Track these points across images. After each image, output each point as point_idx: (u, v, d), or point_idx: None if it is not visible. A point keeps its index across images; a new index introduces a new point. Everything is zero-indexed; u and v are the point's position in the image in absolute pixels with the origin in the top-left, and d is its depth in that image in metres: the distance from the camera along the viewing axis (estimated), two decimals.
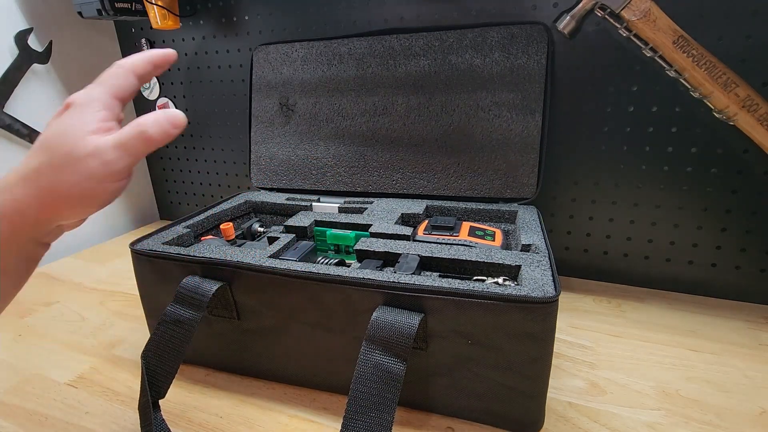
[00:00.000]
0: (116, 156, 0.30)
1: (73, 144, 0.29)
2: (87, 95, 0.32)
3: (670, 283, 0.65)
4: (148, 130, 0.31)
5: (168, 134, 0.32)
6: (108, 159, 0.29)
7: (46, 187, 0.30)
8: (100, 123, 0.31)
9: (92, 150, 0.29)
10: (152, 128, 0.31)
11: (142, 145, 0.31)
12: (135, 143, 0.30)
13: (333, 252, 0.56)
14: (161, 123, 0.31)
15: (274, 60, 0.73)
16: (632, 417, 0.42)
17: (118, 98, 0.33)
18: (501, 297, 0.36)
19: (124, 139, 0.30)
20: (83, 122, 0.30)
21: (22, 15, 0.76)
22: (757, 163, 0.56)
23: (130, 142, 0.30)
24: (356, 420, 0.33)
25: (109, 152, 0.29)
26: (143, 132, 0.30)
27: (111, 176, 0.30)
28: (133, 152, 0.30)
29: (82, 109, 0.31)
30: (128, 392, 0.48)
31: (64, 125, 0.31)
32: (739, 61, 0.52)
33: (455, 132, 0.65)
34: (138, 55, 0.35)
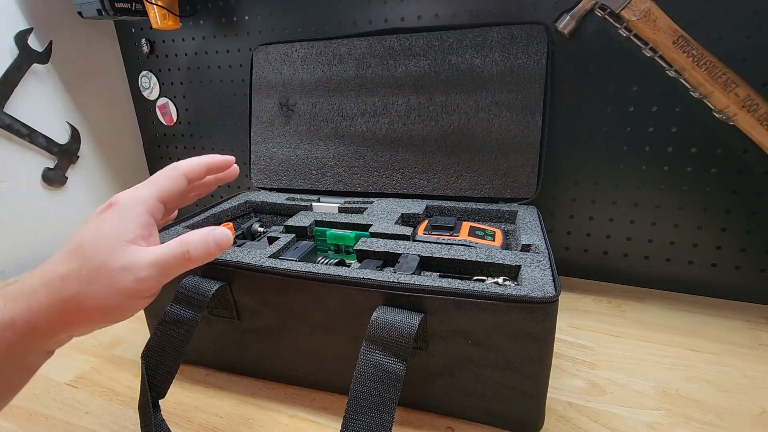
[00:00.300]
0: (151, 274, 0.28)
1: (108, 254, 0.27)
2: (133, 197, 0.30)
3: (670, 283, 0.65)
4: (191, 251, 0.29)
5: (211, 256, 0.30)
6: (142, 276, 0.27)
7: (71, 298, 0.27)
8: (141, 231, 0.29)
9: (127, 264, 0.27)
10: (197, 251, 0.29)
11: (181, 266, 0.29)
12: (175, 263, 0.28)
13: (333, 252, 0.56)
14: (208, 246, 0.29)
15: (274, 60, 0.73)
16: (632, 417, 0.42)
17: (165, 201, 0.32)
18: (501, 297, 0.36)
19: (165, 257, 0.28)
20: (123, 229, 0.28)
21: (22, 15, 0.76)
22: (757, 163, 0.56)
23: (170, 261, 0.28)
24: (356, 420, 0.33)
25: (145, 269, 0.27)
26: (186, 253, 0.29)
27: (141, 293, 0.28)
28: (169, 272, 0.29)
29: (124, 212, 0.29)
30: (128, 392, 0.48)
31: (102, 231, 0.28)
32: (739, 61, 0.52)
33: (455, 132, 0.65)
34: (195, 160, 0.34)
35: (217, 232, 0.30)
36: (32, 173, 0.81)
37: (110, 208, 0.30)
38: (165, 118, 0.95)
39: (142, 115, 0.98)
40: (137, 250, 0.28)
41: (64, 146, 0.84)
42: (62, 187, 0.85)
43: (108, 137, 0.94)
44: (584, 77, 0.61)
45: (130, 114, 0.98)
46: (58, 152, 0.83)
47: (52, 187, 0.84)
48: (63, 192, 0.86)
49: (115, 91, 0.94)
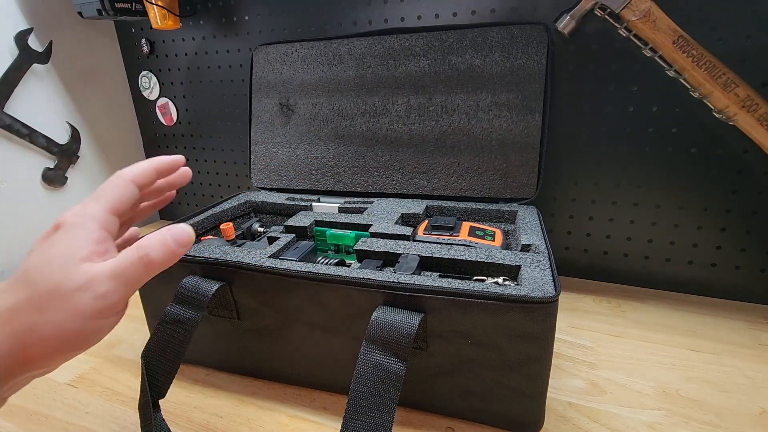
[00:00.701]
0: (112, 287, 0.25)
1: (61, 276, 0.24)
2: (80, 214, 0.27)
3: (670, 283, 0.65)
4: (150, 254, 0.26)
5: (174, 256, 0.27)
6: (102, 291, 0.25)
7: (23, 330, 0.24)
8: (95, 246, 0.26)
9: (84, 282, 0.24)
10: (156, 252, 0.26)
11: (143, 273, 0.26)
12: (135, 271, 0.26)
13: (333, 252, 0.56)
14: (166, 244, 0.27)
15: (274, 60, 0.73)
16: (632, 417, 0.42)
17: (117, 213, 0.29)
18: (501, 297, 0.36)
19: (123, 266, 0.26)
20: (74, 248, 0.25)
21: (22, 15, 0.76)
22: (757, 163, 0.56)
23: (129, 270, 0.26)
24: (356, 420, 0.33)
25: (104, 283, 0.25)
26: (145, 257, 0.26)
27: (104, 312, 0.25)
28: (132, 282, 0.26)
29: (73, 231, 0.26)
30: (128, 392, 0.48)
31: (51, 253, 0.25)
32: (739, 61, 0.52)
33: (455, 132, 0.65)
34: (141, 165, 0.31)
35: (174, 229, 0.28)
36: (32, 173, 0.81)
37: (57, 231, 0.27)
38: (165, 118, 0.95)
39: (142, 115, 0.98)
40: (93, 266, 0.25)
41: (64, 146, 0.84)
42: (62, 187, 0.85)
43: (108, 137, 0.94)
44: (584, 77, 0.61)
45: (130, 114, 0.98)
46: (58, 152, 0.83)
47: (52, 187, 0.84)
48: (63, 192, 0.86)
49: (115, 91, 0.94)
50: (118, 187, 0.29)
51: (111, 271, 0.25)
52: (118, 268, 0.26)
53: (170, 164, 0.33)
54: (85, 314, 0.25)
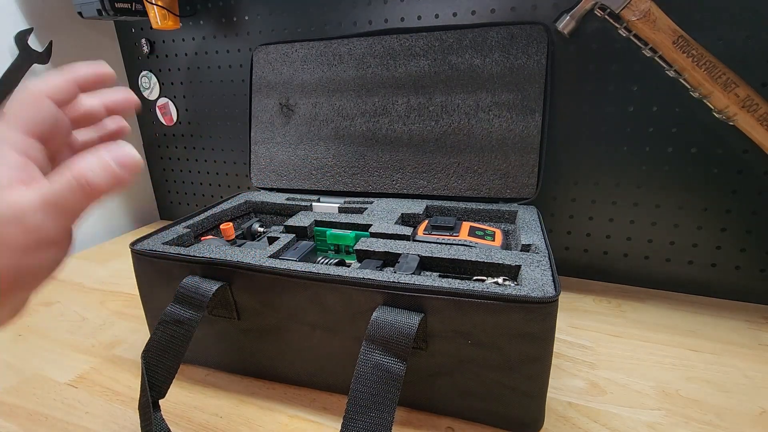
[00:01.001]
0: (45, 218, 0.21)
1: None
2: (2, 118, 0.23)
3: (670, 283, 0.65)
4: (87, 176, 0.22)
5: (118, 179, 0.23)
6: (33, 223, 0.21)
7: None
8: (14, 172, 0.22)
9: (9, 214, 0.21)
10: (95, 174, 0.22)
11: (82, 199, 0.22)
12: (71, 197, 0.22)
13: (333, 252, 0.56)
14: (107, 166, 0.23)
15: (274, 60, 0.73)
16: (632, 417, 0.42)
17: (36, 135, 0.24)
18: (501, 297, 0.36)
19: (56, 192, 0.22)
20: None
21: (22, 15, 0.77)
22: (757, 163, 0.56)
23: (64, 196, 0.22)
24: (356, 420, 0.33)
25: (33, 213, 0.21)
26: (82, 179, 0.22)
27: (39, 245, 0.22)
28: (69, 209, 0.22)
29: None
30: (128, 392, 0.48)
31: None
32: (739, 61, 0.52)
33: (455, 132, 0.65)
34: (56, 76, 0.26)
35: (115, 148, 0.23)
36: None
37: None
38: (165, 118, 0.95)
39: (142, 115, 0.98)
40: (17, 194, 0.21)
41: None
42: None
43: None
44: (584, 77, 0.61)
45: (130, 114, 0.98)
46: None
47: None
48: None
49: None
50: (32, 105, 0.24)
51: (41, 199, 0.21)
52: (51, 194, 0.22)
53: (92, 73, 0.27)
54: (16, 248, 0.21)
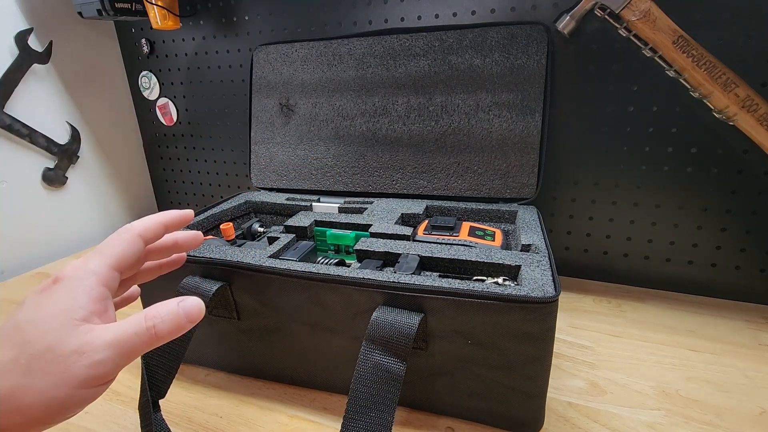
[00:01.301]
0: (109, 356, 0.23)
1: (55, 337, 0.22)
2: (81, 268, 0.26)
3: (670, 283, 0.65)
4: (158, 326, 0.24)
5: (182, 330, 0.25)
6: (98, 359, 0.22)
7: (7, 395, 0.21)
8: (94, 305, 0.24)
9: (80, 346, 0.22)
10: (165, 324, 0.24)
11: (146, 345, 0.24)
12: (138, 342, 0.24)
13: (333, 252, 0.56)
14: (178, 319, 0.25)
15: (274, 60, 0.73)
16: (632, 417, 0.42)
17: (120, 269, 0.27)
18: (501, 297, 0.36)
19: (126, 335, 0.23)
20: (72, 305, 0.24)
21: (22, 15, 0.77)
22: (757, 163, 0.56)
23: (132, 340, 0.24)
24: (356, 420, 0.33)
25: (101, 351, 0.23)
26: (152, 328, 0.24)
27: (95, 380, 0.23)
28: (132, 352, 0.24)
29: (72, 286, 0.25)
30: (128, 392, 0.48)
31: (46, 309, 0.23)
32: (739, 61, 0.52)
33: (455, 132, 0.65)
34: (150, 218, 0.30)
35: (187, 303, 0.26)
36: (32, 173, 0.81)
37: (55, 284, 0.25)
38: (165, 118, 0.95)
39: (142, 115, 0.98)
40: (92, 329, 0.23)
41: (64, 146, 0.84)
42: (62, 187, 0.85)
43: (108, 137, 0.94)
44: (584, 77, 0.61)
45: (130, 114, 0.98)
46: (58, 152, 0.83)
47: (52, 187, 0.84)
48: (63, 192, 0.86)
49: (115, 91, 0.94)
50: (125, 242, 0.28)
51: (113, 338, 0.23)
52: (121, 336, 0.23)
53: (179, 218, 0.32)
54: (75, 381, 0.22)
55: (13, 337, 0.23)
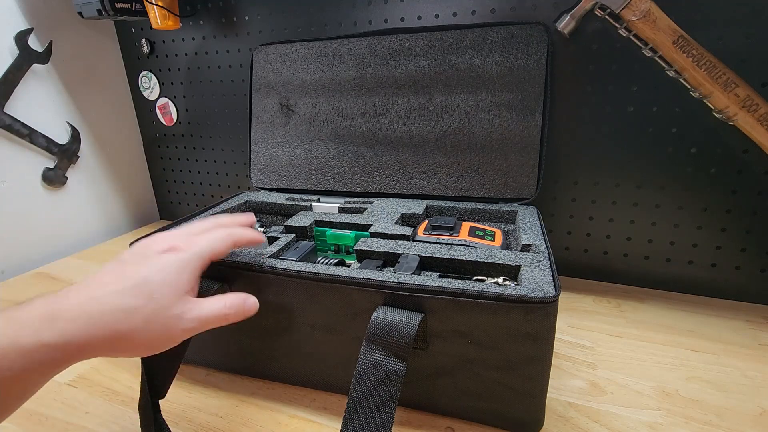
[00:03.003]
0: (195, 326, 0.31)
1: (170, 299, 0.30)
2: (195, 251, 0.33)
3: (670, 283, 0.65)
4: (229, 315, 0.33)
5: (238, 319, 0.34)
6: (188, 327, 0.31)
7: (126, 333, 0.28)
8: (193, 284, 0.32)
9: (180, 313, 0.30)
10: (234, 315, 0.33)
11: (218, 324, 0.32)
12: (215, 321, 0.32)
13: (333, 252, 0.56)
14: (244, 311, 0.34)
15: (274, 60, 0.73)
16: (632, 417, 0.42)
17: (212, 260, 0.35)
18: (501, 297, 0.36)
19: (209, 317, 0.32)
20: (183, 280, 0.31)
21: (22, 15, 0.76)
22: (757, 163, 0.56)
23: (211, 319, 0.32)
24: (356, 420, 0.33)
25: (192, 321, 0.31)
26: (227, 316, 0.33)
27: (178, 338, 0.31)
28: (207, 326, 0.32)
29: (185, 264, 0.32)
30: (128, 392, 0.48)
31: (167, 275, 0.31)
32: (739, 61, 0.52)
33: (455, 132, 0.65)
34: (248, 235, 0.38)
35: (250, 302, 0.35)
36: (32, 173, 0.81)
37: (172, 252, 0.32)
38: (165, 118, 0.95)
39: (142, 115, 0.98)
40: (189, 301, 0.31)
41: (64, 146, 0.84)
42: (62, 187, 0.85)
43: (108, 137, 0.94)
44: (584, 77, 0.61)
45: (130, 114, 0.98)
46: (58, 152, 0.83)
47: (52, 187, 0.84)
48: (63, 192, 0.86)
49: (115, 91, 0.94)
50: (225, 245, 0.36)
51: (200, 315, 0.31)
52: (206, 315, 0.32)
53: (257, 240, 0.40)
54: (169, 336, 0.30)
55: (142, 289, 0.29)
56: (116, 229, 0.98)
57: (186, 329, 0.31)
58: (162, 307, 0.29)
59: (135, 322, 0.28)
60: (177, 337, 0.31)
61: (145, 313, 0.29)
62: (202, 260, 0.33)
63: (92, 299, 0.28)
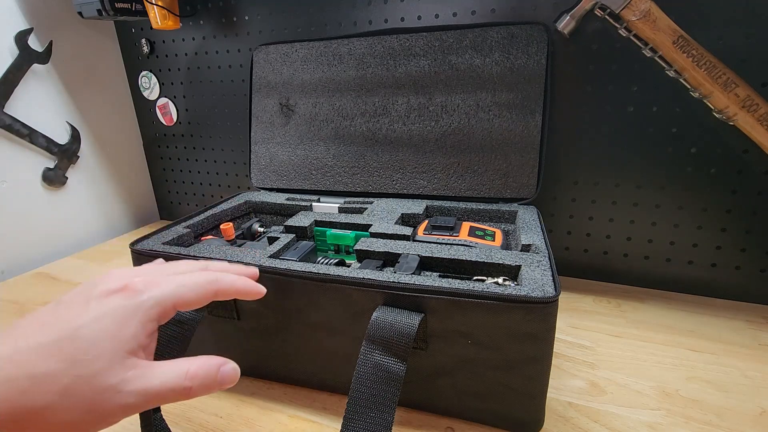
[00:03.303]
0: (139, 403, 0.22)
1: (104, 365, 0.22)
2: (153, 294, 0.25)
3: (670, 283, 0.65)
4: (194, 388, 0.24)
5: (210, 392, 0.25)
6: (129, 403, 0.22)
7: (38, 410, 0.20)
8: (145, 339, 0.24)
9: (119, 383, 0.22)
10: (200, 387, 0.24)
11: (175, 399, 0.24)
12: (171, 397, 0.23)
13: (333, 252, 0.56)
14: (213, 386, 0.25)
15: (274, 60, 0.73)
16: (632, 417, 0.42)
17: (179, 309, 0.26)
18: (501, 297, 0.36)
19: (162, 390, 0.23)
20: (127, 334, 0.23)
21: (22, 15, 0.77)
22: (757, 163, 0.56)
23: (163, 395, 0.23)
24: (356, 420, 0.33)
25: (134, 396, 0.22)
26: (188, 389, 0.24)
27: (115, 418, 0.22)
28: (159, 403, 0.23)
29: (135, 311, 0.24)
30: None
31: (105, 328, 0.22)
32: (739, 61, 0.52)
33: (455, 132, 0.65)
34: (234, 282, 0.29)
35: (227, 372, 0.25)
36: (32, 173, 0.81)
37: (120, 294, 0.24)
38: (165, 118, 0.95)
39: (142, 115, 0.98)
40: (134, 365, 0.22)
41: (64, 146, 0.84)
42: (62, 187, 0.85)
43: (108, 137, 0.94)
44: (584, 77, 0.61)
45: (130, 114, 0.98)
46: (58, 152, 0.83)
47: (52, 187, 0.84)
48: (63, 192, 0.86)
49: (115, 91, 0.94)
50: (203, 293, 0.27)
51: (147, 390, 0.23)
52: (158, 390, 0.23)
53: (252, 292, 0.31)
54: (103, 414, 0.22)
55: (65, 347, 0.21)
56: (116, 229, 0.98)
57: (125, 406, 0.22)
58: (91, 374, 0.21)
59: (47, 395, 0.20)
60: (112, 415, 0.22)
61: (64, 383, 0.21)
62: (161, 308, 0.25)
63: None
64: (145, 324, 0.24)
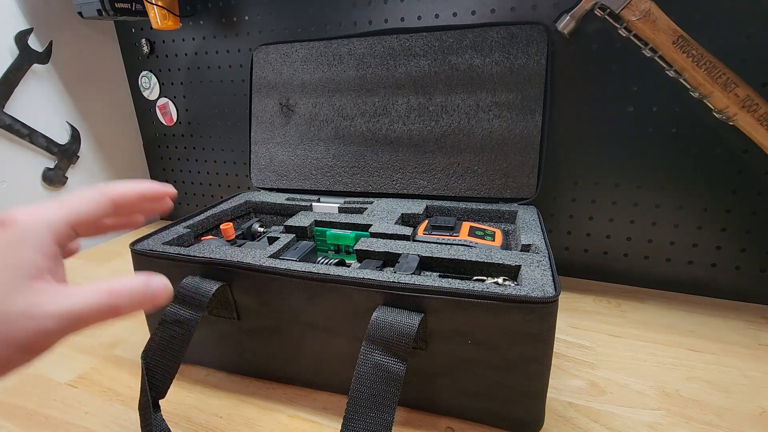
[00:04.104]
0: (61, 326, 0.20)
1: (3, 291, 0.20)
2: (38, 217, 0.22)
3: (670, 283, 0.65)
4: (121, 306, 0.22)
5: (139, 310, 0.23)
6: (46, 327, 0.20)
7: None
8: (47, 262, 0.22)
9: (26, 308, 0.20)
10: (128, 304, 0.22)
11: (102, 319, 0.22)
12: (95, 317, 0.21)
13: (333, 252, 0.56)
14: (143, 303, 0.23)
15: (274, 60, 0.73)
16: (632, 417, 0.42)
17: (77, 227, 0.24)
18: (501, 297, 0.36)
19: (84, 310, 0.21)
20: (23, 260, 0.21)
21: (22, 15, 0.76)
22: (757, 163, 0.56)
23: (90, 315, 0.21)
24: (356, 420, 0.33)
25: (52, 319, 0.20)
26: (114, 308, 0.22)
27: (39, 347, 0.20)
28: (84, 325, 0.21)
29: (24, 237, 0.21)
30: (128, 392, 0.48)
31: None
32: (739, 61, 0.52)
33: (455, 132, 0.65)
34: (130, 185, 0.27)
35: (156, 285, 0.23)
36: (32, 173, 0.81)
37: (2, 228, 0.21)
38: (165, 118, 0.95)
39: (142, 115, 0.98)
40: (45, 289, 0.21)
41: (64, 146, 0.84)
42: (62, 187, 0.85)
43: (108, 137, 0.94)
44: (584, 77, 0.61)
45: (130, 114, 0.98)
46: (58, 152, 0.83)
47: (52, 187, 0.84)
48: (63, 192, 0.86)
49: (115, 91, 0.94)
50: (95, 204, 0.25)
51: (68, 311, 0.21)
52: (79, 310, 0.21)
53: (160, 193, 0.29)
54: (18, 344, 0.20)
55: None
56: None
57: (43, 330, 0.20)
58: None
59: None
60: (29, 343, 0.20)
61: None
62: (54, 228, 0.22)
63: None
64: (38, 247, 0.22)
